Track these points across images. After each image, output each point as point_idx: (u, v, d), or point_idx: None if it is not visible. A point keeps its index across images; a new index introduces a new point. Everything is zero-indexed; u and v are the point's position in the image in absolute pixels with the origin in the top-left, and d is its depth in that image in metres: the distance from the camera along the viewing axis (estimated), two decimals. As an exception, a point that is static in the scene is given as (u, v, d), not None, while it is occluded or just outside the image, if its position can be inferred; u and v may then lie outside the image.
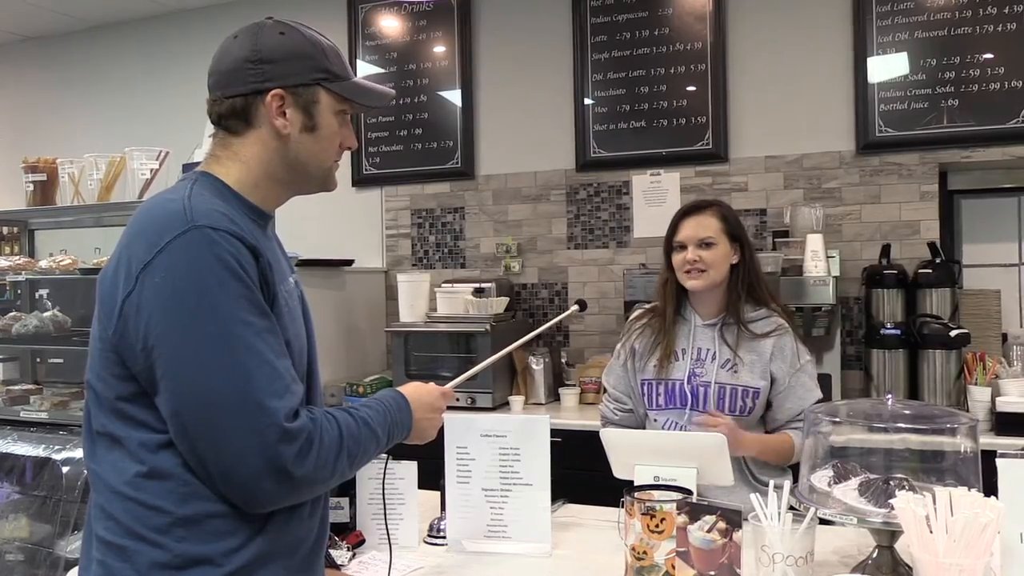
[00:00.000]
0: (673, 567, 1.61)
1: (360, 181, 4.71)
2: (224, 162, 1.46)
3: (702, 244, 2.36)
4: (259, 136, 1.44)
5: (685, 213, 2.43)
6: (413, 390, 1.63)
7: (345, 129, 1.52)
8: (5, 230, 4.50)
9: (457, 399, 1.69)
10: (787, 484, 1.65)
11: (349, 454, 1.38)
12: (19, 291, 4.25)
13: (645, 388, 2.46)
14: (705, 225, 2.38)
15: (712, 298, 2.42)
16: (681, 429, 2.39)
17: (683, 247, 2.38)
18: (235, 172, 1.45)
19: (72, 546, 2.76)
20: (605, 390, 2.62)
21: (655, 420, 2.45)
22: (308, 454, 1.30)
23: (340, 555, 1.99)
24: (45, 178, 3.76)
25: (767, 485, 2.19)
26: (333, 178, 1.56)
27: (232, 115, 1.44)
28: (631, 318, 2.61)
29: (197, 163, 1.54)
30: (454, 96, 4.52)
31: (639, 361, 2.48)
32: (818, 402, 2.36)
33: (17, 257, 3.97)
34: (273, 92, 1.42)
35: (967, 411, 3.14)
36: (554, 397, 4.04)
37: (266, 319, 1.32)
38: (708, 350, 2.40)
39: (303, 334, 1.48)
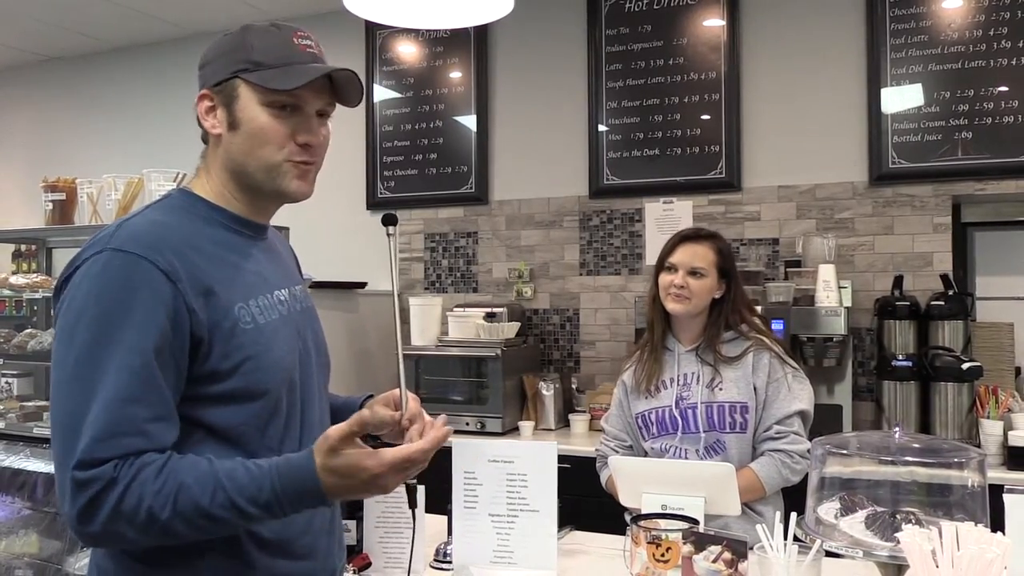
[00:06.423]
0: (678, 597, 1.61)
1: (375, 204, 4.75)
2: (200, 175, 1.44)
3: (692, 272, 2.42)
4: (212, 144, 1.42)
5: (684, 238, 2.51)
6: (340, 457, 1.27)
7: (282, 122, 1.34)
8: (23, 248, 4.55)
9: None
10: (778, 514, 1.66)
11: (174, 504, 1.18)
12: (35, 308, 4.30)
13: (640, 421, 2.52)
14: (700, 255, 2.44)
15: (692, 324, 2.49)
16: (676, 450, 2.43)
17: (674, 270, 2.45)
18: (207, 184, 1.43)
19: (80, 563, 2.76)
20: (604, 431, 2.66)
21: (651, 448, 2.49)
22: (98, 509, 1.17)
23: (346, 578, 1.99)
24: (64, 197, 3.81)
25: (762, 516, 2.18)
26: (287, 180, 1.37)
27: (200, 127, 1.43)
28: (623, 360, 2.70)
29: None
30: (469, 122, 4.56)
31: (632, 395, 2.55)
32: (809, 422, 2.42)
33: (35, 275, 4.01)
34: (199, 94, 1.40)
35: (979, 445, 3.12)
36: (564, 423, 4.04)
37: (148, 353, 1.21)
38: (693, 373, 2.45)
39: (288, 347, 1.40)
